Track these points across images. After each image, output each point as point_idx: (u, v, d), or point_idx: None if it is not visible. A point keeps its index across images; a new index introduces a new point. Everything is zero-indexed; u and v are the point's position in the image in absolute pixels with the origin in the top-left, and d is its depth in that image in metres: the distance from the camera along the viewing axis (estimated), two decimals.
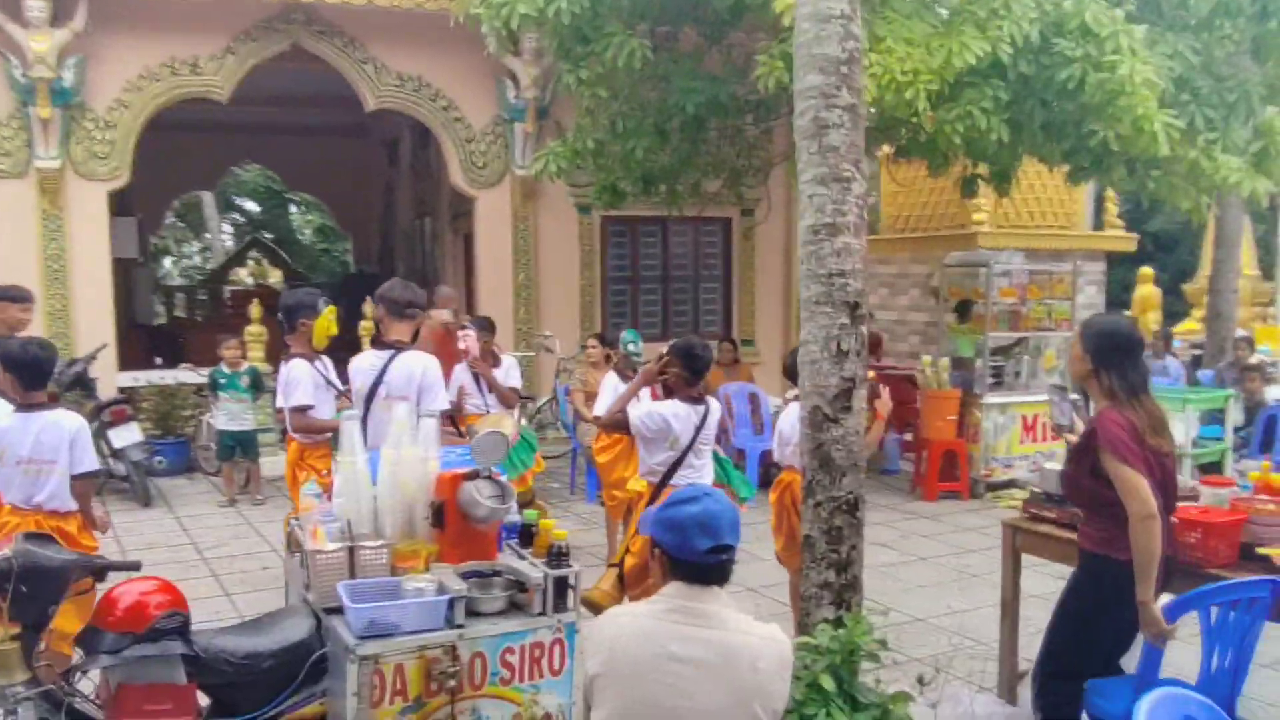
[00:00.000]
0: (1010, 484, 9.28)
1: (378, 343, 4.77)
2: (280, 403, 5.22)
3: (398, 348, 4.66)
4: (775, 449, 5.53)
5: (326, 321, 5.24)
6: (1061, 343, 9.49)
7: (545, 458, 7.71)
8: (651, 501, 4.64)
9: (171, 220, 27.57)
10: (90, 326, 9.83)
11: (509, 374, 7.01)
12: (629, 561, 4.66)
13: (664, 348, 4.92)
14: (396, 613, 2.94)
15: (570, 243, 11.65)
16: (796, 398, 4.31)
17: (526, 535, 3.56)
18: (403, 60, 10.78)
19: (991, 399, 9.23)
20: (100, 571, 3.31)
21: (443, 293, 7.04)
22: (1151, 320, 15.11)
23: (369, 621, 2.91)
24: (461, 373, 6.84)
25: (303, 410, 5.07)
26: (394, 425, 3.40)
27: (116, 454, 8.64)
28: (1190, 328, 15.15)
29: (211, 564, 7.13)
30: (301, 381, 5.07)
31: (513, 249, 11.34)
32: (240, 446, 9.12)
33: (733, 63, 9.11)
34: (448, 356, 7.19)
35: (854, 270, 3.96)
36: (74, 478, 4.18)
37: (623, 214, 11.10)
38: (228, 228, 30.04)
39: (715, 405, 4.79)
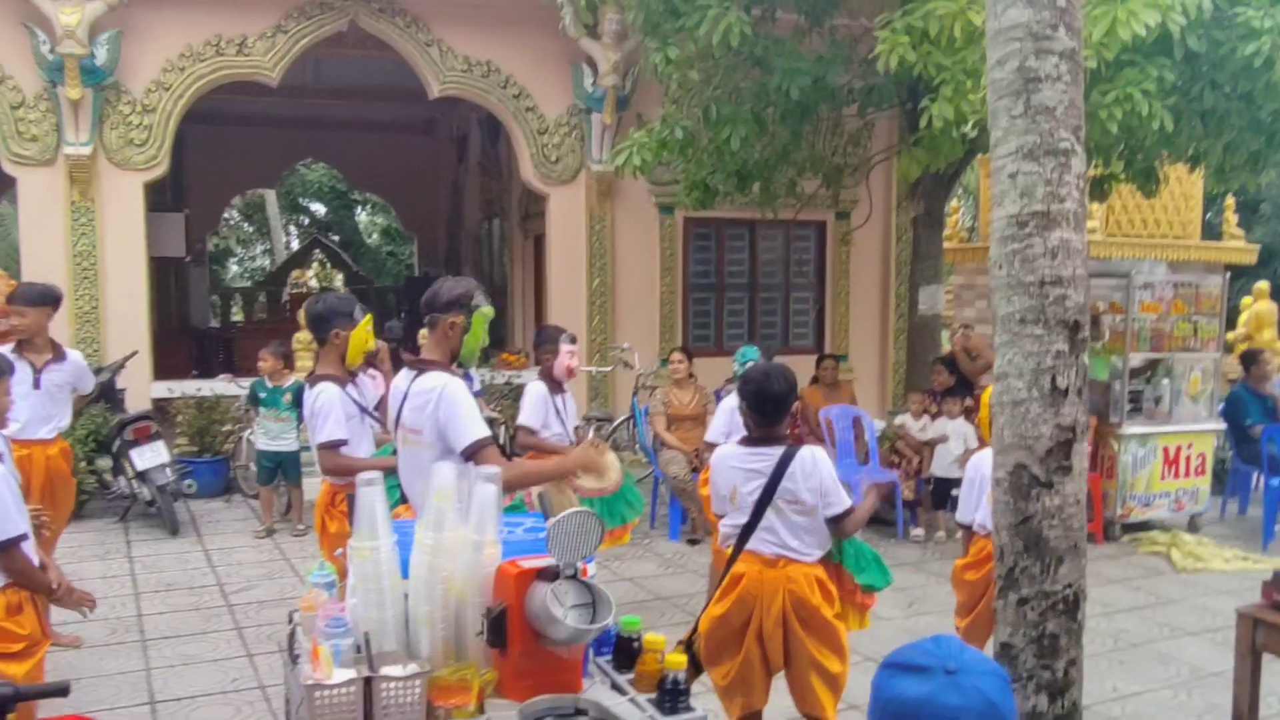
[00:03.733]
0: (1148, 525, 8.16)
1: (408, 362, 3.60)
2: (310, 437, 4.21)
3: (420, 367, 3.46)
4: (975, 505, 4.36)
5: (363, 333, 4.22)
6: (1211, 364, 8.32)
7: None
8: (723, 575, 3.55)
9: (235, 220, 27.30)
10: (122, 331, 9.03)
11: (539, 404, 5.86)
12: (701, 640, 3.59)
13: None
14: None
15: (650, 246, 10.71)
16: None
17: (624, 652, 2.49)
18: (470, 43, 9.92)
19: (1130, 428, 8.08)
20: (2, 704, 2.28)
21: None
22: (1269, 340, 13.71)
23: None
24: (538, 390, 5.78)
25: (333, 447, 4.06)
26: (434, 493, 2.35)
27: (140, 476, 7.78)
28: None
29: (236, 612, 6.18)
30: (330, 411, 4.04)
31: (587, 252, 10.43)
32: (281, 469, 8.20)
33: (838, 44, 8.09)
34: None
35: (1075, 277, 2.86)
36: None
37: (707, 215, 10.17)
38: (293, 229, 29.67)
39: (807, 454, 3.54)
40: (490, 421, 8.95)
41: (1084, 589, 2.91)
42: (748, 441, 3.63)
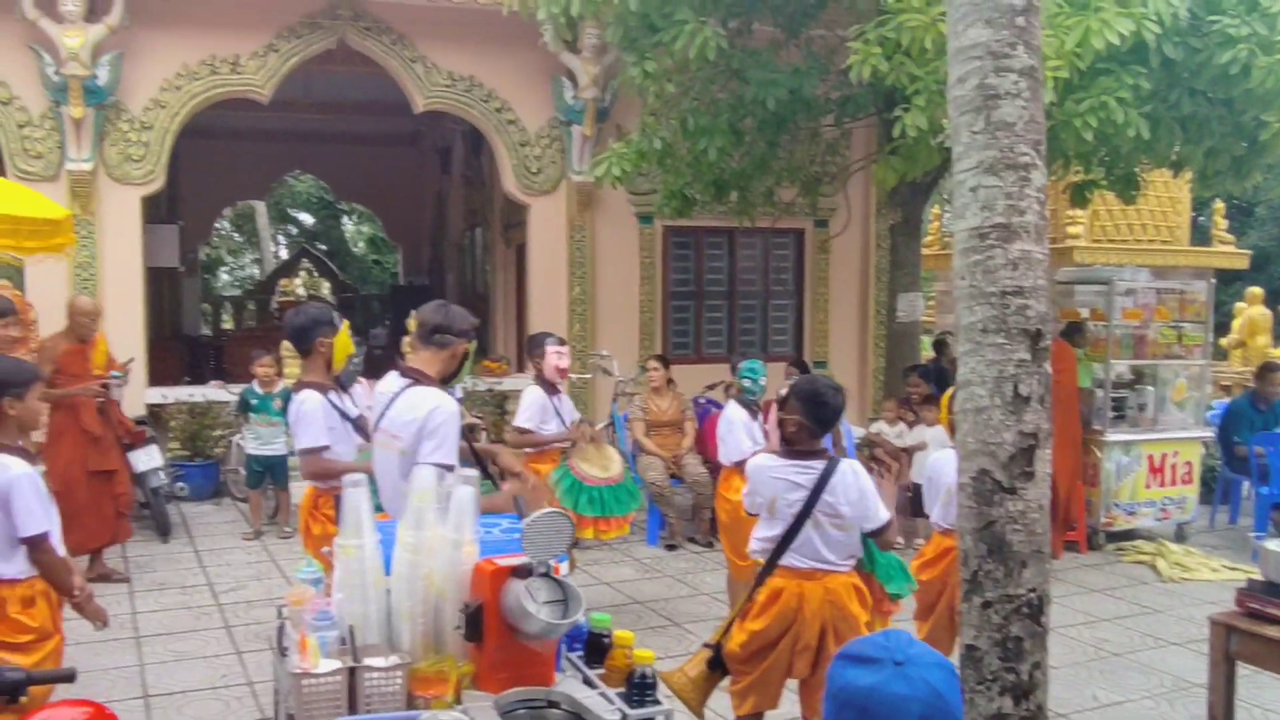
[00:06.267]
0: (1133, 534, 8.18)
1: (401, 369, 3.74)
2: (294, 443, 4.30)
3: (416, 378, 3.62)
4: (931, 505, 4.49)
5: (344, 339, 4.31)
6: (1197, 372, 8.36)
7: None
8: (756, 586, 3.63)
9: (226, 230, 27.29)
10: (119, 339, 9.00)
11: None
12: (730, 644, 3.66)
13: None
14: None
15: (630, 254, 10.77)
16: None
17: (595, 648, 2.58)
18: (454, 59, 10.03)
19: (1114, 436, 8.11)
20: (13, 689, 2.38)
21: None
22: (1262, 346, 13.75)
23: None
24: (535, 392, 5.97)
25: (315, 453, 4.14)
26: (414, 494, 2.44)
27: (135, 480, 7.84)
28: None
29: (226, 611, 6.28)
30: (313, 418, 4.12)
31: (568, 261, 10.50)
32: (270, 473, 8.32)
33: (814, 55, 8.19)
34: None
35: (1036, 288, 2.95)
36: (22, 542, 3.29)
37: (686, 224, 10.29)
38: (282, 239, 29.64)
39: (847, 468, 3.63)
40: (471, 427, 9.10)
41: (1048, 593, 2.99)
42: (791, 454, 3.67)
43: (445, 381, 3.63)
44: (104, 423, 6.85)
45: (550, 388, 6.04)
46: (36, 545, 3.30)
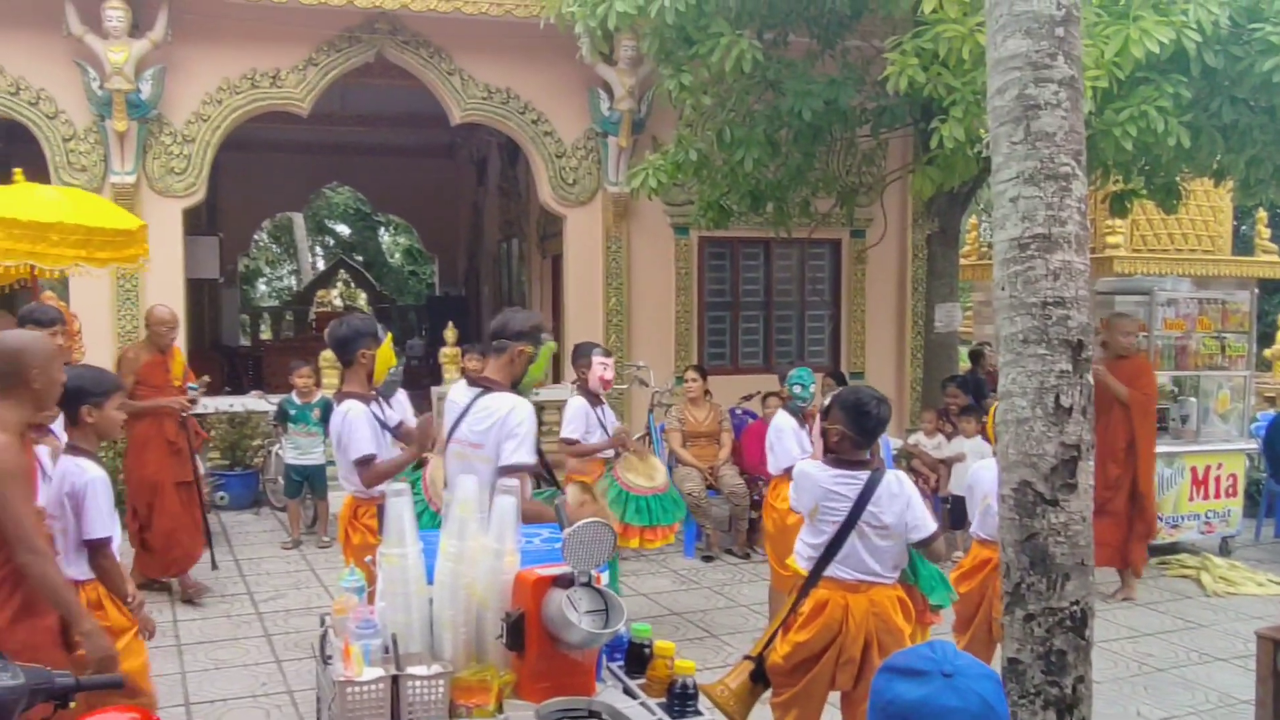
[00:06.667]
0: (1176, 547, 8.05)
1: (470, 378, 3.87)
2: (336, 454, 4.35)
3: (485, 386, 3.74)
4: (974, 515, 4.47)
5: (387, 351, 4.36)
6: (1241, 383, 8.22)
7: None
8: (800, 598, 3.62)
9: (265, 242, 27.63)
10: None
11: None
12: (773, 656, 3.65)
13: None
14: None
15: (665, 265, 10.78)
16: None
17: (636, 658, 2.59)
18: (490, 71, 10.11)
19: (1157, 448, 7.97)
20: (63, 694, 2.42)
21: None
22: None
23: None
24: (579, 403, 5.99)
25: (366, 462, 4.19)
26: (457, 505, 2.46)
27: None
28: None
29: (266, 620, 6.34)
30: (359, 427, 4.17)
31: (604, 271, 10.53)
32: (308, 482, 8.39)
33: (850, 66, 8.18)
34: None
35: (1077, 298, 2.95)
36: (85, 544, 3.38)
37: (722, 235, 10.25)
38: (319, 250, 29.95)
39: (892, 479, 3.60)
40: None
41: (1092, 606, 2.97)
42: (836, 463, 3.66)
43: (515, 385, 3.71)
44: (184, 434, 6.91)
45: (593, 398, 6.05)
46: (100, 549, 3.38)
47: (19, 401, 2.99)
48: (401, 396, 5.04)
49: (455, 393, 3.81)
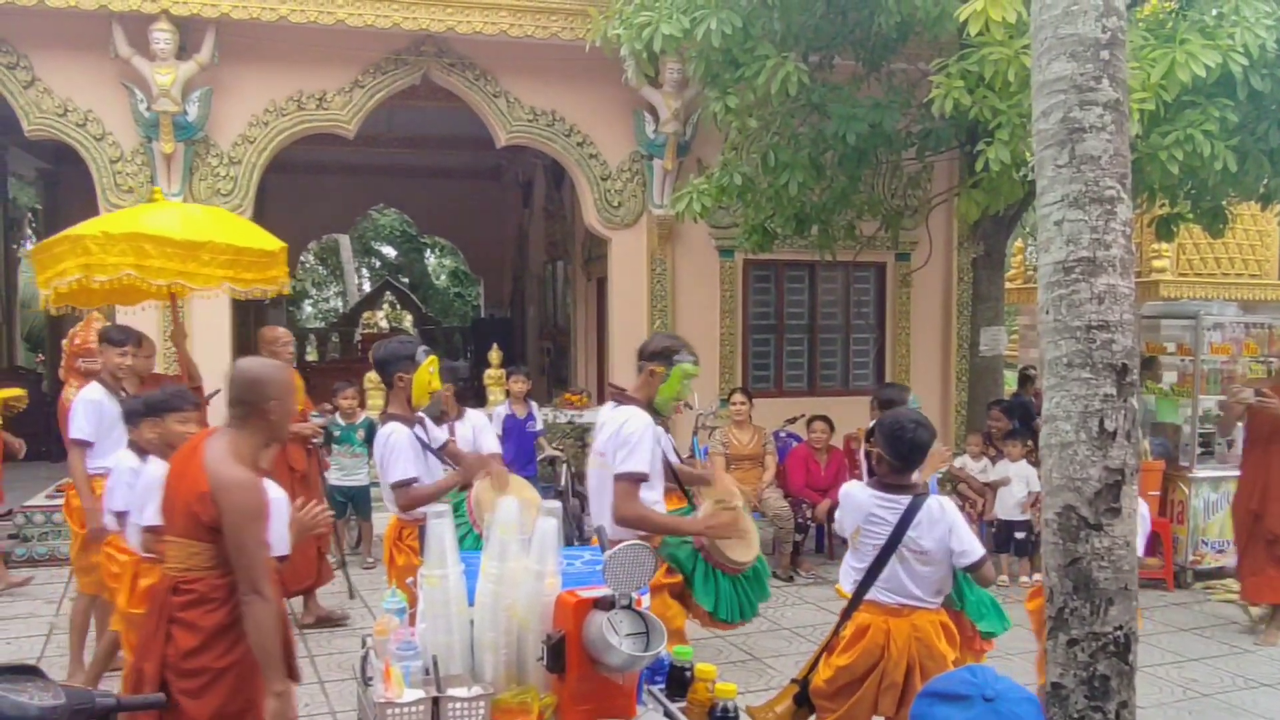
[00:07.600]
0: (1222, 572, 7.93)
1: (612, 394, 4.19)
2: (380, 476, 4.40)
3: (619, 400, 4.01)
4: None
5: (427, 375, 4.39)
6: None
7: None
8: (842, 620, 3.60)
9: (311, 264, 28.01)
10: (208, 371, 9.26)
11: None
12: (816, 679, 3.63)
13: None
14: None
15: (710, 288, 10.80)
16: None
17: (677, 681, 2.59)
18: (536, 94, 10.20)
19: (1201, 472, 7.91)
20: (105, 714, 2.44)
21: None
22: None
23: None
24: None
25: (405, 485, 4.23)
26: (496, 527, 2.49)
27: None
28: None
29: (309, 640, 6.39)
30: (401, 450, 4.22)
31: (648, 294, 10.56)
32: (352, 503, 8.46)
33: (895, 89, 8.18)
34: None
35: (1122, 322, 2.92)
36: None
37: (767, 258, 10.26)
38: (365, 272, 30.31)
39: (934, 504, 3.57)
40: (552, 460, 9.02)
41: (1136, 631, 2.93)
42: (879, 485, 3.67)
43: (650, 404, 3.95)
44: (313, 461, 6.88)
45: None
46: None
47: (254, 432, 2.94)
48: (481, 419, 5.11)
49: (601, 412, 4.11)
